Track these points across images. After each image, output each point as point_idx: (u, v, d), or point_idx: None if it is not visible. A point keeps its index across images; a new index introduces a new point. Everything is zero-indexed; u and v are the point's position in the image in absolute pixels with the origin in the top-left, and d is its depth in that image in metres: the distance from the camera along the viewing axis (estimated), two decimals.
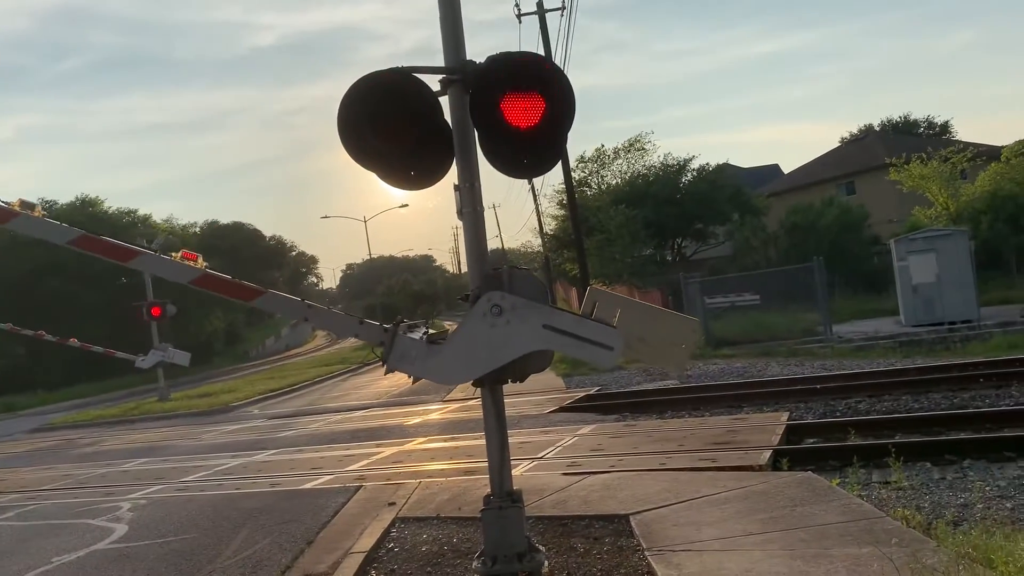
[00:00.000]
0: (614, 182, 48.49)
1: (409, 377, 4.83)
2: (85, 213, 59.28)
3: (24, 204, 4.91)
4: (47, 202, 62.46)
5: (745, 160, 65.57)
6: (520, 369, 4.78)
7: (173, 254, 5.07)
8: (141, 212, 65.52)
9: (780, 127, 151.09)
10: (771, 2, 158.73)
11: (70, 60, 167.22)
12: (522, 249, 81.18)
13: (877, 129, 67.02)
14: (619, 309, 4.71)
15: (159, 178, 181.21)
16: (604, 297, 4.82)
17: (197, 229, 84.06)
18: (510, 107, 4.49)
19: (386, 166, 4.94)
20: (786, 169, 64.26)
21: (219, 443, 16.85)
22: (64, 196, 64.33)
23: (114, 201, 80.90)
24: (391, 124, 4.52)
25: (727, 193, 42.77)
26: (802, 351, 19.95)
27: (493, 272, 4.85)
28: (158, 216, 71.46)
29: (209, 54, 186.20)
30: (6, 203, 4.97)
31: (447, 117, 4.88)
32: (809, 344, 20.67)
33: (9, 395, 42.92)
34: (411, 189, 5.49)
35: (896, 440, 8.84)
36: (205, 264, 4.99)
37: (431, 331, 4.92)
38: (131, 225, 59.02)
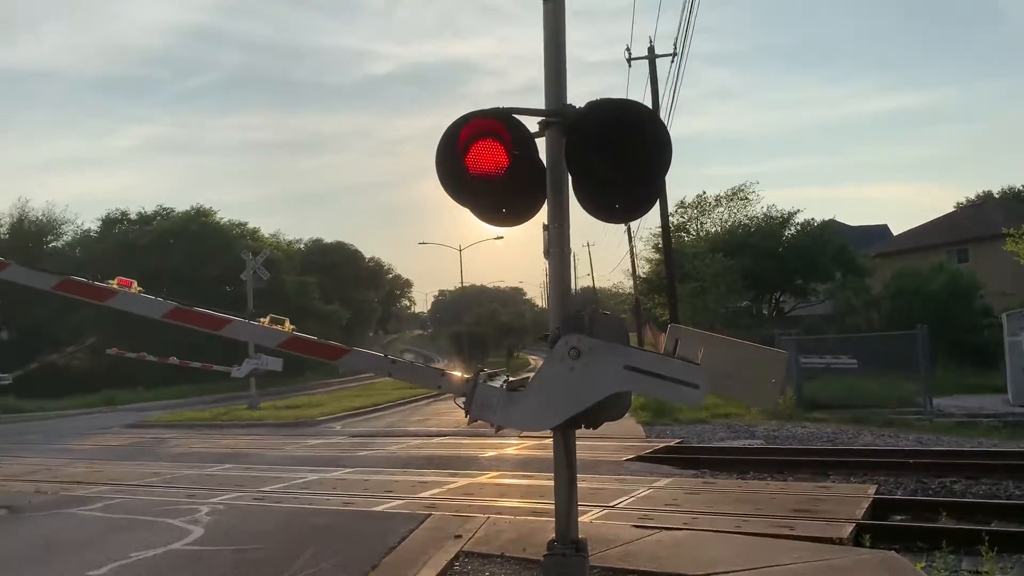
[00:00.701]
0: (713, 230, 47.90)
1: (492, 426, 4.82)
2: (198, 222, 62.12)
3: (121, 283, 5.21)
4: (164, 209, 65.82)
5: (852, 218, 63.78)
6: (594, 415, 4.71)
7: (261, 319, 5.27)
8: (251, 225, 68.21)
9: (892, 187, 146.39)
10: (890, 60, 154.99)
11: (198, 77, 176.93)
12: (613, 289, 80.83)
13: (996, 196, 64.04)
14: (703, 346, 4.60)
15: (270, 193, 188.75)
16: (686, 334, 4.73)
17: (302, 245, 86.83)
18: (604, 153, 4.50)
19: (479, 203, 5.02)
20: (896, 231, 62.09)
21: (300, 456, 17.23)
22: (181, 205, 67.59)
23: (226, 212, 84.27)
24: (486, 163, 4.59)
25: (831, 250, 41.61)
26: (898, 421, 19.07)
27: (574, 314, 4.84)
28: (266, 230, 74.19)
29: (327, 79, 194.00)
30: (106, 283, 5.30)
31: (542, 156, 4.93)
32: (906, 415, 19.75)
33: (112, 389, 45.03)
34: (503, 226, 5.56)
35: (992, 527, 8.32)
36: (293, 328, 5.17)
37: (511, 378, 4.91)
38: (240, 237, 61.41)
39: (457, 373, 4.88)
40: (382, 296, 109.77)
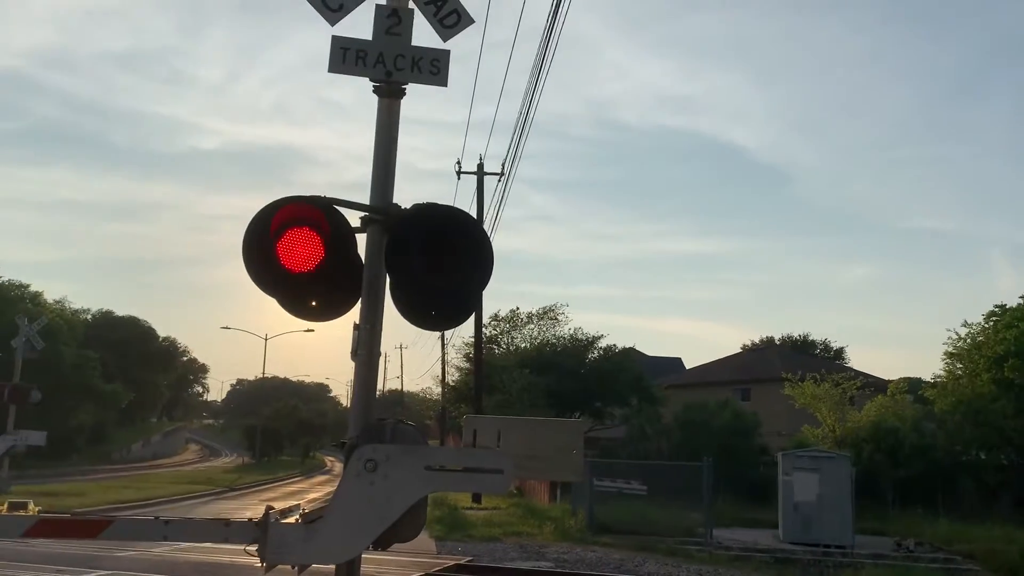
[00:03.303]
0: (523, 345, 48.87)
1: (293, 568, 4.35)
2: None
3: None
4: None
5: (651, 348, 67.41)
6: (386, 534, 4.37)
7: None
8: (33, 288, 62.34)
9: (688, 323, 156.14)
10: (698, 208, 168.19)
11: (7, 123, 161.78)
12: (422, 395, 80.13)
13: (777, 343, 70.15)
14: (500, 431, 4.49)
15: (65, 257, 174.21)
16: (482, 423, 4.61)
17: (89, 316, 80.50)
18: (426, 258, 4.35)
19: (288, 294, 4.69)
20: (688, 364, 66.13)
21: (47, 552, 15.18)
22: None
23: (10, 271, 76.57)
24: (299, 252, 4.31)
25: (629, 377, 43.43)
26: (681, 551, 19.59)
27: (376, 423, 4.55)
28: (53, 295, 68.14)
29: (148, 145, 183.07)
30: None
31: (361, 254, 4.71)
32: (688, 545, 20.37)
33: None
34: (310, 320, 5.24)
35: None
36: (38, 508, 4.57)
37: (306, 510, 4.48)
38: (18, 300, 55.82)
39: (244, 519, 4.37)
40: (172, 379, 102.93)
